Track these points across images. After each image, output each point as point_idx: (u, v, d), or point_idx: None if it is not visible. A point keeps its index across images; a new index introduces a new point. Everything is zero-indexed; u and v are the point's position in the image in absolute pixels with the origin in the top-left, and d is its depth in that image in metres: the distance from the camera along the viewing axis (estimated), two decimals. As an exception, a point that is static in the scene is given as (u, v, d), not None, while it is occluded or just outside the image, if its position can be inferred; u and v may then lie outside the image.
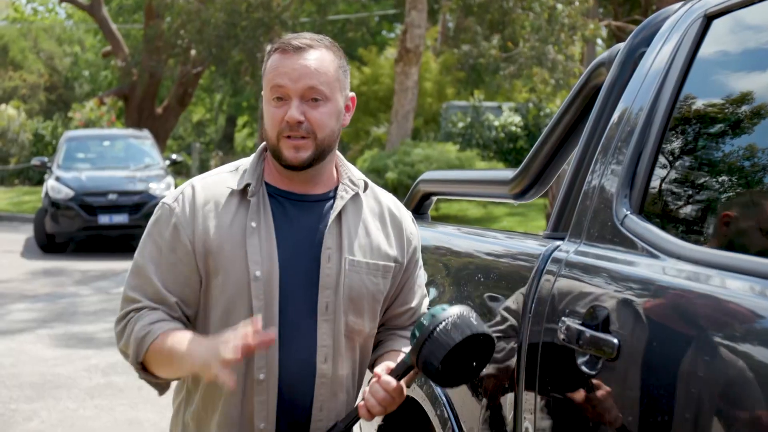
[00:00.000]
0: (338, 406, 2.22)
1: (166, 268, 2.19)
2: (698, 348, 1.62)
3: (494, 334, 2.08)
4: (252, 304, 2.13)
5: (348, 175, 2.29)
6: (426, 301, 2.44)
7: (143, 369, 2.18)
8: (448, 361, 2.01)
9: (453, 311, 2.04)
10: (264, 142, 2.28)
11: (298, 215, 2.22)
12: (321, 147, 2.16)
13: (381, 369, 2.14)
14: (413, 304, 2.38)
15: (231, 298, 2.15)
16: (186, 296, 2.20)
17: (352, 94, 2.26)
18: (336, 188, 2.27)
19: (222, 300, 2.16)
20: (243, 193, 2.20)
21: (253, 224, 2.16)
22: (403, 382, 2.13)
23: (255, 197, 2.18)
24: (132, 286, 2.22)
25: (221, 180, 2.24)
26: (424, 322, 2.04)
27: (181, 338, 2.09)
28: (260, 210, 2.18)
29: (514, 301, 2.29)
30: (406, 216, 2.38)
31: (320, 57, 2.16)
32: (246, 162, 2.27)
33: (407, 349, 2.31)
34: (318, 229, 2.21)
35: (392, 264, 2.29)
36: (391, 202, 2.37)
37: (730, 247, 1.80)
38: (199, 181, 2.25)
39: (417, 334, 2.04)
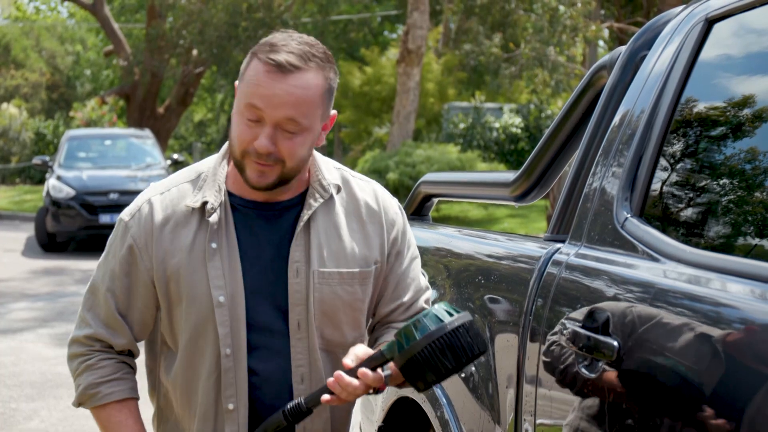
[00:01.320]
0: (322, 424, 2.12)
1: (121, 291, 2.08)
2: (698, 351, 1.63)
3: (490, 341, 2.03)
4: (219, 332, 2.02)
5: (319, 177, 2.10)
6: (428, 294, 2.26)
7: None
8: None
9: (456, 324, 1.85)
10: (227, 143, 2.10)
11: (264, 227, 2.06)
12: (288, 174, 1.99)
13: (350, 360, 1.94)
14: (405, 299, 2.19)
15: (196, 326, 2.03)
16: (141, 320, 2.11)
17: (334, 112, 2.06)
18: (305, 193, 2.10)
19: (188, 327, 2.04)
20: (202, 209, 2.04)
21: (214, 245, 2.01)
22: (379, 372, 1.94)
23: (215, 214, 2.02)
24: (87, 306, 2.14)
25: (180, 194, 2.07)
26: (421, 329, 1.84)
27: (117, 428, 2.09)
28: (222, 228, 2.03)
29: (514, 303, 2.30)
30: (388, 205, 2.18)
31: (306, 83, 1.93)
32: (206, 169, 2.10)
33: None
34: (285, 241, 2.06)
35: (371, 267, 2.12)
36: (369, 194, 2.17)
37: (730, 250, 1.80)
38: (157, 197, 2.08)
39: (409, 340, 1.84)
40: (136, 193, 13.69)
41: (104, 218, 13.54)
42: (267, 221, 2.07)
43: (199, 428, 2.08)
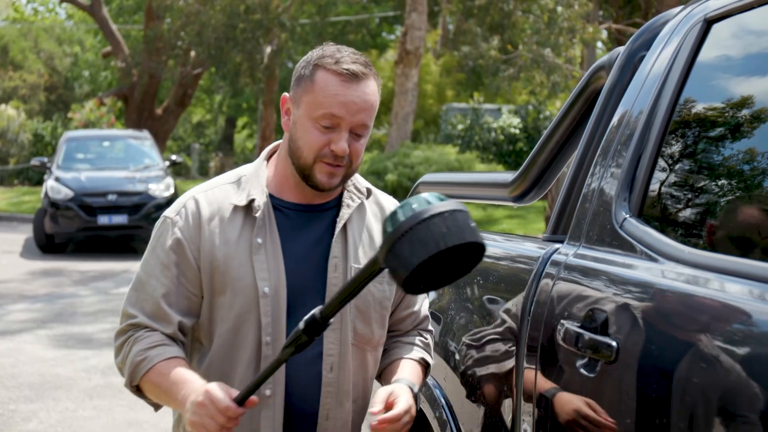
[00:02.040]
0: (344, 414, 2.22)
1: (170, 283, 2.17)
2: (697, 351, 1.63)
3: (486, 250, 1.75)
4: (261, 321, 2.14)
5: (353, 182, 2.29)
6: (426, 303, 2.44)
7: (137, 390, 2.18)
8: (424, 266, 1.67)
9: (445, 206, 1.69)
10: (267, 150, 2.28)
11: (304, 226, 2.21)
12: (350, 174, 2.19)
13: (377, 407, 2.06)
14: (416, 308, 2.39)
15: (240, 315, 2.15)
16: (187, 311, 2.19)
17: None
18: (340, 196, 2.26)
19: (230, 316, 2.15)
20: (247, 208, 2.18)
21: (259, 240, 2.15)
22: (406, 404, 2.07)
23: (260, 211, 2.17)
24: (132, 301, 2.21)
25: (223, 194, 2.21)
26: (406, 211, 1.68)
27: (176, 378, 2.07)
28: (266, 225, 2.17)
29: (513, 303, 2.30)
30: None
31: (373, 89, 2.14)
32: (247, 173, 2.25)
33: (412, 355, 2.31)
34: (324, 239, 2.21)
35: None
36: (393, 205, 2.35)
37: (728, 250, 1.80)
38: (201, 194, 2.22)
39: (394, 223, 1.68)
40: (134, 194, 13.72)
41: (102, 219, 13.54)
42: (306, 221, 2.22)
43: None
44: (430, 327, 2.45)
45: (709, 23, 2.09)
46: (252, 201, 2.17)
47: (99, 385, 6.39)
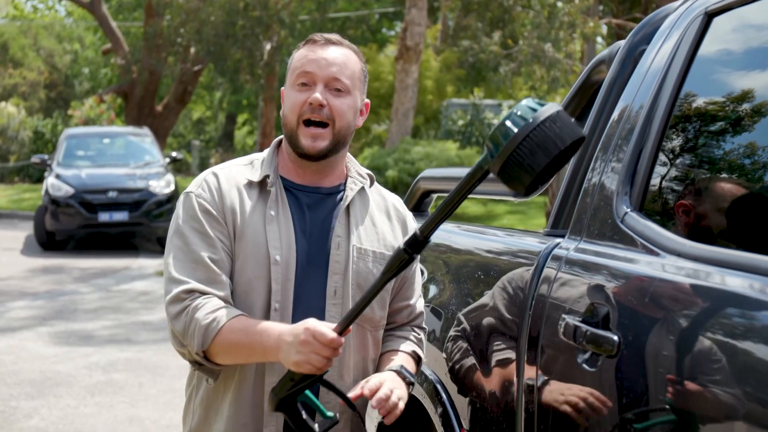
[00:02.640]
0: (344, 389, 2.25)
1: (212, 246, 2.24)
2: (698, 345, 1.63)
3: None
4: (271, 287, 2.23)
5: (356, 169, 2.42)
6: (421, 302, 2.50)
7: (203, 358, 2.20)
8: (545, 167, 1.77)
9: (551, 108, 1.77)
10: (278, 138, 2.40)
11: (311, 206, 2.33)
12: (337, 138, 2.28)
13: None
14: (412, 301, 2.45)
15: (249, 281, 2.24)
16: (229, 273, 2.26)
17: (368, 100, 2.40)
18: (345, 182, 2.39)
19: (241, 281, 2.25)
20: (260, 185, 2.31)
21: (272, 212, 2.28)
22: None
23: (273, 188, 2.30)
24: (178, 268, 2.23)
25: (239, 172, 2.34)
26: (516, 120, 1.76)
27: (256, 329, 2.14)
28: (278, 200, 2.30)
29: (514, 298, 2.30)
30: (409, 214, 2.49)
31: (347, 54, 2.31)
32: (260, 157, 2.39)
33: (405, 347, 2.38)
34: (329, 219, 2.33)
35: None
36: (395, 200, 2.49)
37: (729, 244, 1.80)
38: (219, 170, 2.35)
39: (505, 133, 1.76)
40: (135, 191, 13.71)
41: (103, 216, 13.53)
42: (313, 202, 2.34)
43: (239, 383, 2.25)
44: (423, 324, 2.50)
45: (709, 17, 2.09)
46: (266, 177, 2.31)
47: (100, 381, 6.39)
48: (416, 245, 1.95)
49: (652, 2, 18.63)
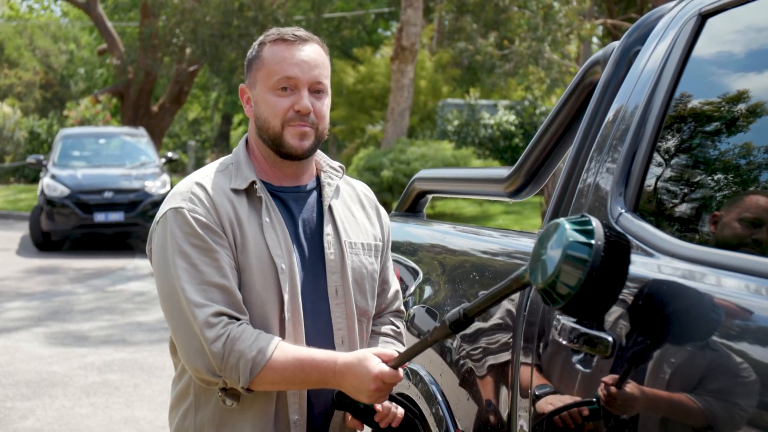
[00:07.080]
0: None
1: (218, 263, 2.12)
2: (693, 346, 1.63)
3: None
4: (282, 298, 2.17)
5: (327, 162, 2.38)
6: (397, 281, 2.52)
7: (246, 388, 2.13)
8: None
9: (596, 259, 1.74)
10: (243, 138, 2.33)
11: (296, 207, 2.28)
12: (319, 138, 2.25)
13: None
14: (391, 281, 2.47)
15: (260, 293, 2.16)
16: (238, 286, 2.16)
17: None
18: (318, 177, 2.35)
19: (252, 295, 2.16)
20: (247, 192, 2.22)
21: (267, 219, 2.21)
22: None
23: (263, 194, 2.22)
24: (198, 292, 2.10)
25: (220, 181, 2.22)
26: (562, 279, 1.75)
27: (304, 358, 2.11)
28: (269, 206, 2.23)
29: (509, 299, 2.30)
30: (377, 202, 2.50)
31: (319, 51, 2.25)
32: (228, 162, 2.29)
33: (387, 340, 2.41)
34: (313, 218, 2.30)
35: (380, 243, 2.40)
36: (363, 187, 2.49)
37: (724, 245, 1.80)
38: (201, 179, 2.22)
39: (556, 285, 1.75)
40: (130, 191, 13.70)
41: (99, 217, 13.53)
42: (297, 202, 2.29)
43: (260, 398, 2.17)
44: (401, 307, 2.51)
45: (703, 17, 2.09)
46: (253, 183, 2.22)
47: (95, 382, 6.39)
48: (459, 324, 2.00)
49: (647, 2, 18.66)
